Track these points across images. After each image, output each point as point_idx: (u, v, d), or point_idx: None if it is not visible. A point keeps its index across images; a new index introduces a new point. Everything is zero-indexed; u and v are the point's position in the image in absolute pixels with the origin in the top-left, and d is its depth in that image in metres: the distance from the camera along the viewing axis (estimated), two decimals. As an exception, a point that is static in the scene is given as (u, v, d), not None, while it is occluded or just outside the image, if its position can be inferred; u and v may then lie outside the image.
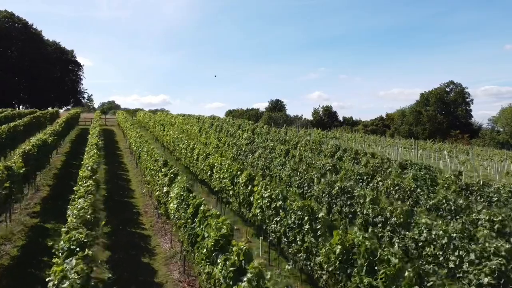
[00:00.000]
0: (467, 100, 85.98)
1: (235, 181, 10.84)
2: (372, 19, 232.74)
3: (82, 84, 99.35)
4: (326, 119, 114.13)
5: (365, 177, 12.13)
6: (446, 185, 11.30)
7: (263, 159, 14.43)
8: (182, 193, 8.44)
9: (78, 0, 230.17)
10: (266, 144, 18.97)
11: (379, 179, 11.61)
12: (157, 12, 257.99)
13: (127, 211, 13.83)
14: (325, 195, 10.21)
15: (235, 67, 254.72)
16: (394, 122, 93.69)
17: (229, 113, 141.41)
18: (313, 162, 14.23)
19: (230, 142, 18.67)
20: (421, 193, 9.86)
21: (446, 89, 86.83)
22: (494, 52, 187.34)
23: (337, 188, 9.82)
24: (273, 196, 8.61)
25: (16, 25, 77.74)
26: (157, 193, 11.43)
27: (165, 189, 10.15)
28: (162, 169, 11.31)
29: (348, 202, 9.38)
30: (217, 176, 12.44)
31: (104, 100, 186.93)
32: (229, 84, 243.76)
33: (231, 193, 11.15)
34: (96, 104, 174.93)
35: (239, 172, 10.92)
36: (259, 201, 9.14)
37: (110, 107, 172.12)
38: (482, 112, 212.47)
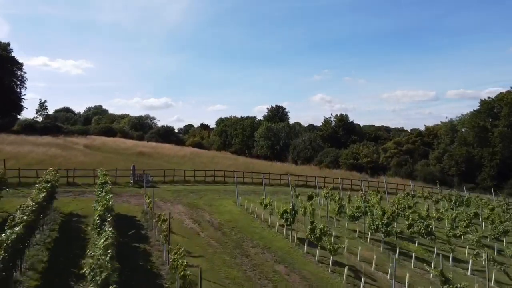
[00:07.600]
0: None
1: None
2: (377, 21, 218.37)
3: (25, 87, 74.59)
4: (340, 132, 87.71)
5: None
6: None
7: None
8: None
9: (81, 2, 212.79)
10: None
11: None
12: (160, 14, 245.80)
13: None
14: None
15: (238, 70, 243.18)
16: (440, 139, 67.66)
17: (221, 121, 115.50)
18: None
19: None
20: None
21: (520, 93, 60.25)
22: (498, 55, 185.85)
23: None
24: None
25: None
26: None
27: None
28: None
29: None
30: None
31: (91, 104, 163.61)
32: (232, 87, 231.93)
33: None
34: (82, 109, 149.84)
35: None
36: None
37: (96, 113, 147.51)
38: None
